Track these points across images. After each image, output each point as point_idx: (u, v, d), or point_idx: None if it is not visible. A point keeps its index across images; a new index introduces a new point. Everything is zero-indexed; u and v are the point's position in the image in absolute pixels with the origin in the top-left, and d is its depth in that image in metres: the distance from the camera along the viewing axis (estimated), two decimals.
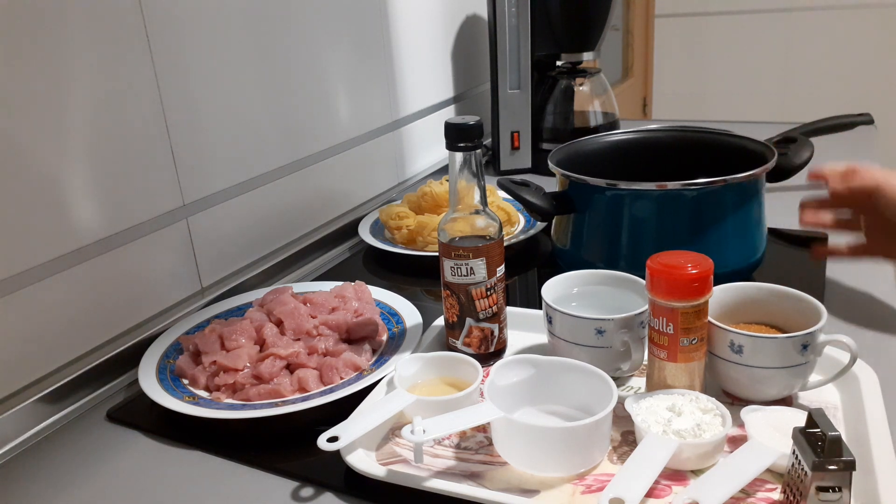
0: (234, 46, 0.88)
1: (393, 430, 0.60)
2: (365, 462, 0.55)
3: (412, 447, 0.54)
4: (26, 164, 0.66)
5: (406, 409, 0.59)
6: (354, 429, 0.56)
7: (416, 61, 1.29)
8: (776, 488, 0.50)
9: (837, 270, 0.82)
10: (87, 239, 0.72)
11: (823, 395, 0.60)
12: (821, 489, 0.45)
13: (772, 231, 0.86)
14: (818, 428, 0.46)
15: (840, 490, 0.45)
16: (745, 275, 0.77)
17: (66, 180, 0.69)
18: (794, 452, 0.48)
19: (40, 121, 0.66)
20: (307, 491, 0.55)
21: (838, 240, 0.80)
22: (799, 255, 0.89)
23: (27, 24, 0.64)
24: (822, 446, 0.46)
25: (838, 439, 0.45)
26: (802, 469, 0.46)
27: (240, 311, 0.80)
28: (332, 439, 0.55)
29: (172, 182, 0.81)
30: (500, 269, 0.67)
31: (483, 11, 1.47)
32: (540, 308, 0.67)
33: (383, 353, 0.71)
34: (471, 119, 0.63)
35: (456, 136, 0.63)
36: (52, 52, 0.67)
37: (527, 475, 0.53)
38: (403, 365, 0.63)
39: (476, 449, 0.57)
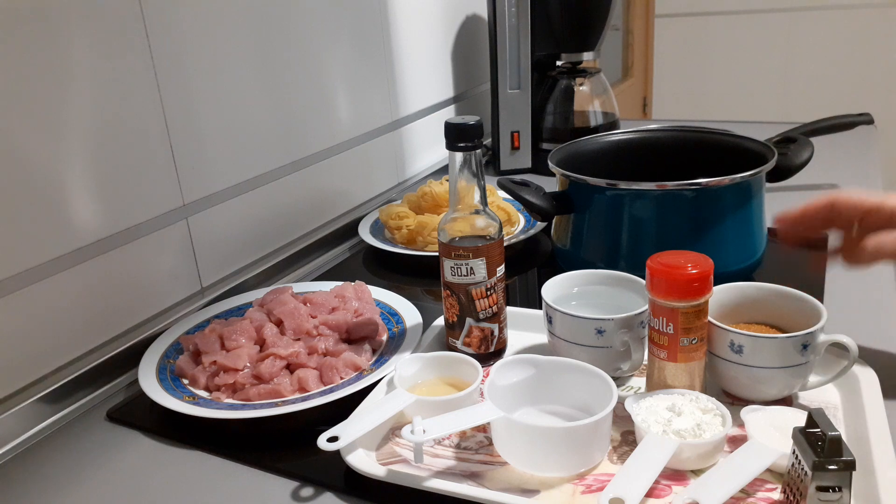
0: (234, 46, 0.88)
1: (393, 430, 0.60)
2: (365, 462, 0.55)
3: (412, 447, 0.54)
4: (26, 164, 0.65)
5: (406, 409, 0.59)
6: (354, 429, 0.56)
7: (416, 61, 1.29)
8: (776, 488, 0.50)
9: (837, 270, 0.82)
10: (86, 239, 0.72)
11: (823, 395, 0.60)
12: (821, 489, 0.45)
13: (772, 231, 0.86)
14: (818, 428, 0.46)
15: (840, 490, 0.45)
16: (745, 275, 0.77)
17: (65, 180, 0.69)
18: (794, 452, 0.48)
19: (40, 121, 0.66)
20: (307, 491, 0.55)
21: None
22: (799, 255, 0.89)
23: (27, 25, 0.64)
24: (822, 446, 0.46)
25: (838, 439, 0.45)
26: (802, 469, 0.46)
27: (240, 311, 0.80)
28: (332, 439, 0.55)
29: (172, 182, 0.81)
30: (500, 269, 0.67)
31: (483, 11, 1.47)
32: (540, 308, 0.67)
33: (383, 353, 0.71)
34: (471, 119, 0.63)
35: (456, 135, 0.63)
36: (52, 52, 0.67)
37: (527, 475, 0.53)
38: (403, 365, 0.63)
39: (476, 449, 0.57)
